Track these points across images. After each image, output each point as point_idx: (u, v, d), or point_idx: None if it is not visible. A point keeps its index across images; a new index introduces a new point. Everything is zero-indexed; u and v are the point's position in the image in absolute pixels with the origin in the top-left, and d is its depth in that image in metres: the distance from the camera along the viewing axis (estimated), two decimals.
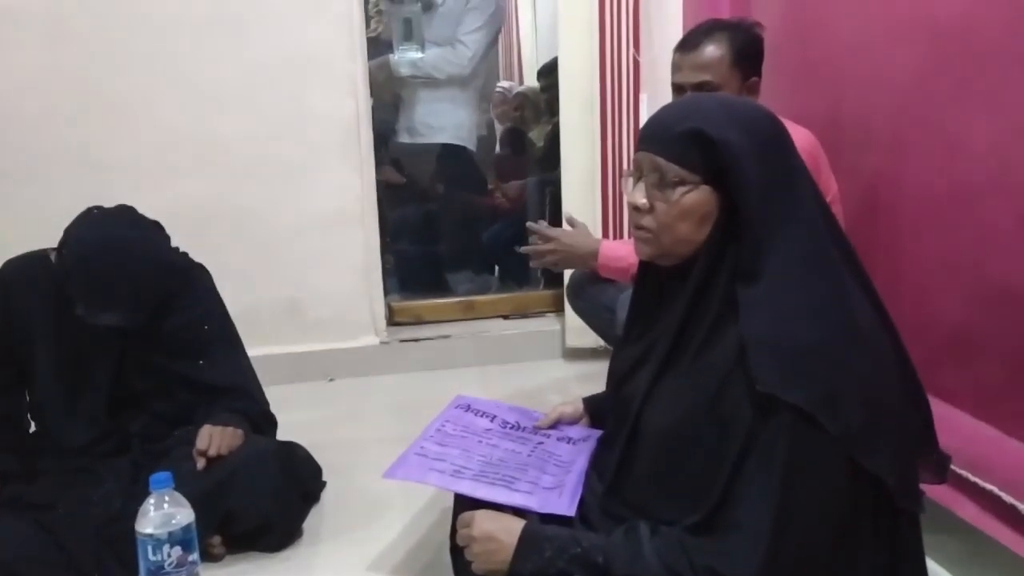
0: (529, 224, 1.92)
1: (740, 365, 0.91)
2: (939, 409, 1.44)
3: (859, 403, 0.88)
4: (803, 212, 0.96)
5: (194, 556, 1.29)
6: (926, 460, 1.03)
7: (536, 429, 1.32)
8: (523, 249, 1.92)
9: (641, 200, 1.00)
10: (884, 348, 0.97)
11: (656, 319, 1.08)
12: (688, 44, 1.72)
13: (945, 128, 1.51)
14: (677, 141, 0.96)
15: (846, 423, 0.87)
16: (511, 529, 1.01)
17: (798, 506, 0.88)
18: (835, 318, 0.92)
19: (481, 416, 1.35)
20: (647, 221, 1.00)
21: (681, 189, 0.96)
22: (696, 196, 0.96)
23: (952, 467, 1.37)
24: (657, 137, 0.99)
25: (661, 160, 0.97)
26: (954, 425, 1.36)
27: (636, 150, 1.03)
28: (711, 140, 0.93)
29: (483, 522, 1.04)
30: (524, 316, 3.03)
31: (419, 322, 2.95)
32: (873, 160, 1.74)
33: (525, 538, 1.00)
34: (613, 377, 1.17)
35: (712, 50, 1.68)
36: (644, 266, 1.11)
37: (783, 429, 0.87)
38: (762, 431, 0.89)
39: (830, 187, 1.75)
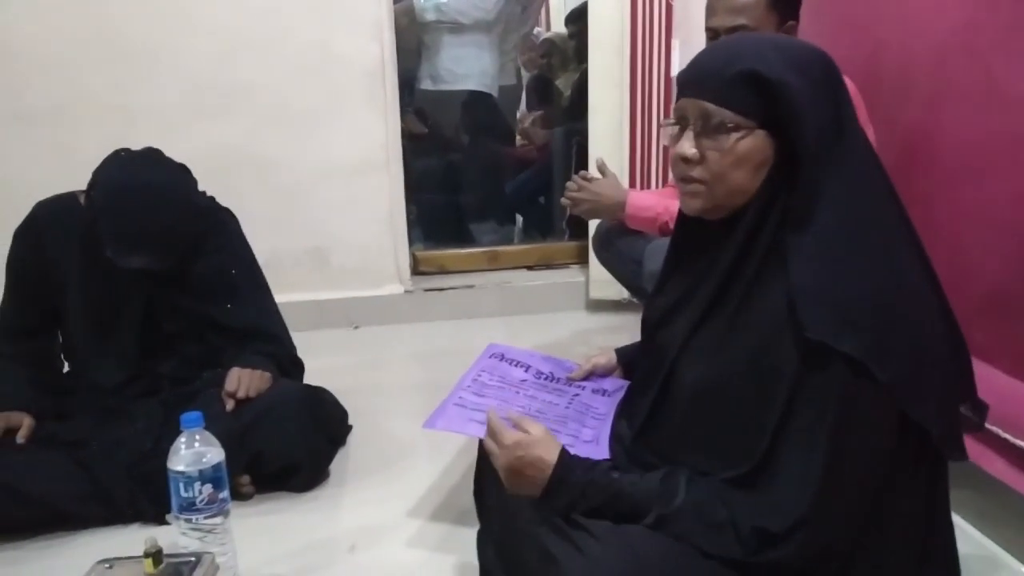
0: (568, 184, 1.96)
1: (788, 316, 0.88)
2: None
3: (908, 353, 0.87)
4: (856, 158, 0.92)
5: (224, 494, 1.32)
6: (964, 408, 1.01)
7: (570, 381, 1.32)
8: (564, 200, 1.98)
9: (691, 150, 0.94)
10: (930, 299, 0.95)
11: (696, 267, 1.04)
12: None
13: (989, 76, 1.45)
14: (729, 84, 0.90)
15: (895, 373, 0.86)
16: (545, 464, 0.99)
17: (847, 457, 0.87)
18: (886, 268, 0.90)
19: (516, 366, 1.35)
20: (698, 172, 0.95)
21: (736, 135, 0.91)
22: (752, 141, 0.91)
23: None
24: (705, 81, 0.93)
25: (711, 106, 0.92)
26: (987, 381, 1.34)
27: (678, 96, 0.97)
28: (768, 81, 0.88)
29: (519, 450, 1.01)
30: (548, 267, 3.02)
31: (443, 272, 2.95)
32: (913, 109, 1.69)
33: (557, 476, 0.98)
34: (646, 325, 1.15)
35: None
36: (684, 214, 1.08)
37: (834, 379, 0.86)
38: (810, 381, 0.87)
39: (868, 136, 1.71)
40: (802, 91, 0.89)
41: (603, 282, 2.60)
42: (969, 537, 1.42)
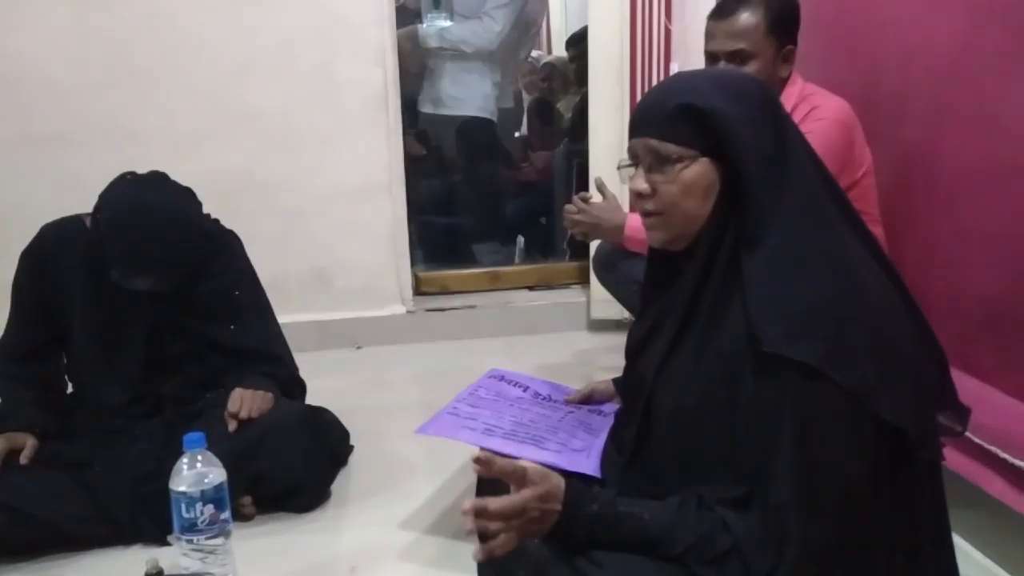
0: (567, 207, 1.95)
1: (748, 335, 0.90)
2: (970, 385, 1.43)
3: (871, 354, 0.88)
4: (799, 173, 0.96)
5: (226, 515, 1.32)
6: (944, 410, 1.01)
7: (567, 403, 1.33)
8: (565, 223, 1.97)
9: (643, 185, 1.00)
10: (891, 298, 0.96)
11: (665, 296, 1.08)
12: (722, 11, 1.69)
13: (984, 99, 1.48)
14: (668, 119, 0.96)
15: (859, 376, 0.86)
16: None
17: (820, 464, 0.87)
18: (837, 273, 0.92)
19: (514, 386, 1.37)
20: (652, 205, 1.00)
21: (679, 165, 0.96)
22: (696, 169, 0.96)
23: (981, 443, 1.37)
24: (647, 121, 0.99)
25: (655, 142, 0.97)
26: (985, 401, 1.35)
27: (629, 138, 1.02)
28: (703, 111, 0.93)
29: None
30: (549, 287, 3.03)
31: (445, 292, 2.96)
32: (910, 131, 1.71)
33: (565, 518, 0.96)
34: (627, 354, 1.17)
35: (747, 17, 1.65)
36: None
37: (791, 388, 0.87)
38: (769, 395, 0.88)
39: (864, 159, 1.72)
40: (736, 117, 0.93)
41: (604, 302, 2.61)
42: (968, 557, 1.42)
